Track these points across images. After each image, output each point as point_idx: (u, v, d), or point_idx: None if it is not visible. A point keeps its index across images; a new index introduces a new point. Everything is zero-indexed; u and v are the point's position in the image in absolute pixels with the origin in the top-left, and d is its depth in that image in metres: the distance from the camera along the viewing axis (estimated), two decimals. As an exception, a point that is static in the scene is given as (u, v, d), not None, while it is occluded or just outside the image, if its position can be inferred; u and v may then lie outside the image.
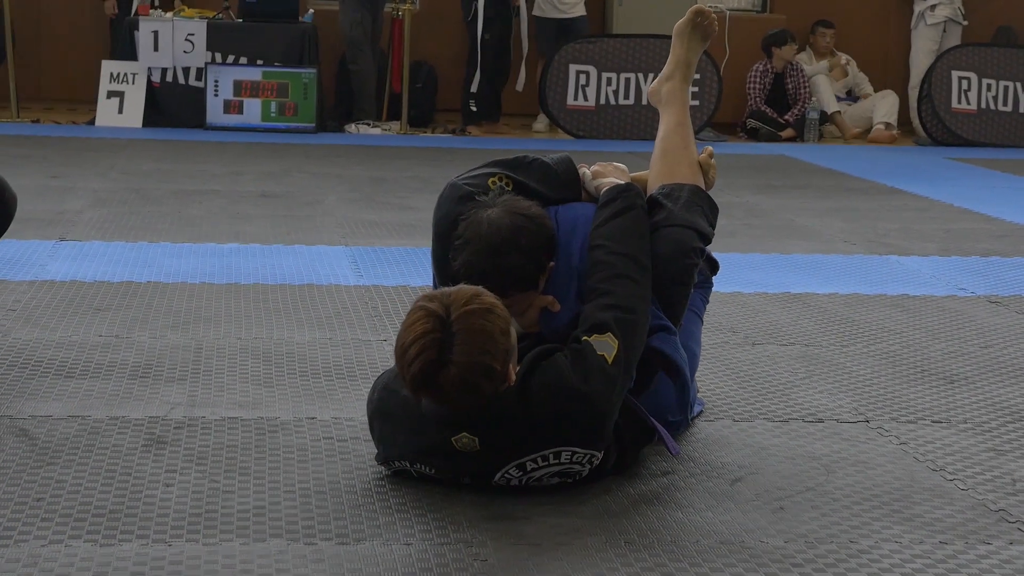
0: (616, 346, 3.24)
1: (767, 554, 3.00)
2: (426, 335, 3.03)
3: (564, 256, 3.45)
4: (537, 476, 3.26)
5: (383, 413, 3.34)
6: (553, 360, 3.23)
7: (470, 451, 3.20)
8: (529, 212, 3.41)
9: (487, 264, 3.33)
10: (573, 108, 11.70)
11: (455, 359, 3.02)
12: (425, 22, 12.21)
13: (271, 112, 11.22)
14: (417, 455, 3.27)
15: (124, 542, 2.94)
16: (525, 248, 3.35)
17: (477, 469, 3.25)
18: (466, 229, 3.38)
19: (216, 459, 3.47)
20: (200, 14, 11.50)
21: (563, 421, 3.20)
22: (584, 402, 3.19)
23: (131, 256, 5.99)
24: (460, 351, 3.02)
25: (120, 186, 8.05)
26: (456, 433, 3.19)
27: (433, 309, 3.06)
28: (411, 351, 3.04)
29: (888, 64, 12.79)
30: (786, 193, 8.75)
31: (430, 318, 3.05)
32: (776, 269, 6.15)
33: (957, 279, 6.08)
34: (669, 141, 3.91)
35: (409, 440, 3.27)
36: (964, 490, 3.44)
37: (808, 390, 4.28)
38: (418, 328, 3.05)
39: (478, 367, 3.03)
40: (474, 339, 3.03)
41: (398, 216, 7.32)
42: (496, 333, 3.06)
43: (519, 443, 3.20)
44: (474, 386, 3.05)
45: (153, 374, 4.21)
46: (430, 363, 3.02)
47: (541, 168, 3.66)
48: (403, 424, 3.28)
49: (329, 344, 4.62)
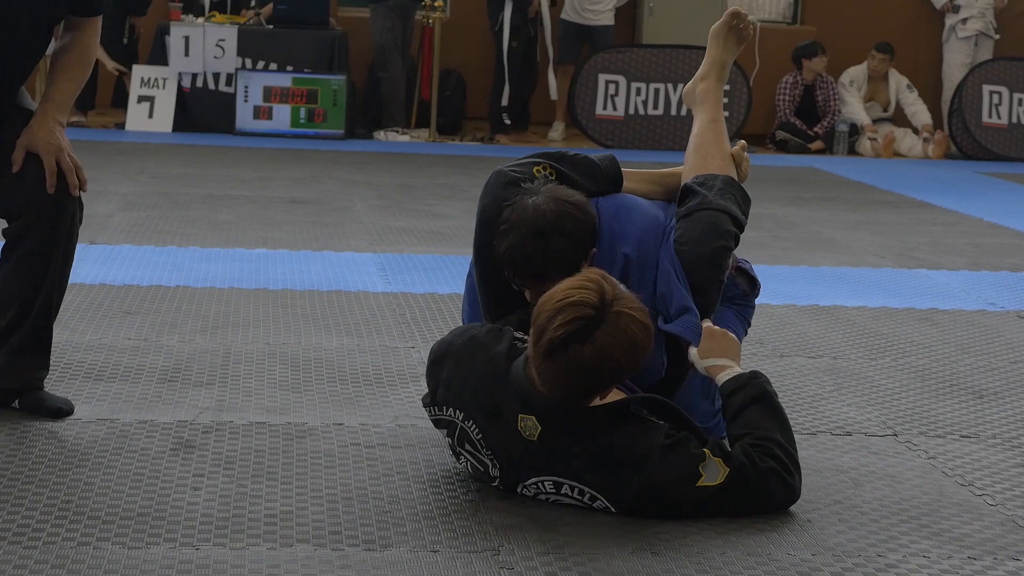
0: (719, 482, 3.17)
1: (794, 567, 2.99)
2: (583, 306, 3.06)
3: (606, 242, 3.51)
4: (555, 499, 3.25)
5: (460, 358, 3.34)
6: (656, 428, 3.18)
7: (526, 437, 3.19)
8: (573, 199, 3.47)
9: (532, 248, 3.38)
10: (602, 118, 11.70)
11: (596, 340, 3.05)
12: (455, 30, 12.23)
13: (300, 118, 11.25)
14: (476, 410, 3.27)
15: (152, 545, 2.95)
16: (570, 232, 3.41)
17: (525, 461, 3.22)
18: (511, 214, 3.44)
19: (244, 464, 3.48)
20: (231, 20, 11.54)
21: (618, 484, 3.17)
22: (647, 484, 3.15)
23: (160, 260, 6.01)
24: (603, 336, 3.05)
25: (150, 190, 8.08)
26: (527, 412, 3.19)
27: (603, 287, 3.09)
28: (562, 315, 3.05)
29: (918, 77, 12.74)
30: (815, 205, 8.73)
31: (596, 293, 3.08)
32: (805, 281, 6.13)
33: (987, 294, 6.06)
34: (703, 137, 3.94)
35: (479, 393, 3.27)
36: (993, 505, 3.42)
37: (836, 403, 4.26)
38: (579, 295, 3.08)
39: (611, 360, 3.06)
40: (621, 339, 3.06)
41: (426, 223, 7.32)
42: (640, 346, 3.10)
43: (571, 462, 3.19)
44: (596, 371, 3.07)
45: (181, 378, 4.22)
46: (573, 335, 3.04)
47: (585, 162, 3.73)
48: (480, 376, 3.27)
49: (357, 350, 4.63)
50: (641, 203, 3.72)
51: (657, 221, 3.67)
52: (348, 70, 11.45)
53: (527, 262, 3.39)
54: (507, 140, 11.73)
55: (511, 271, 3.46)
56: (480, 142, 11.71)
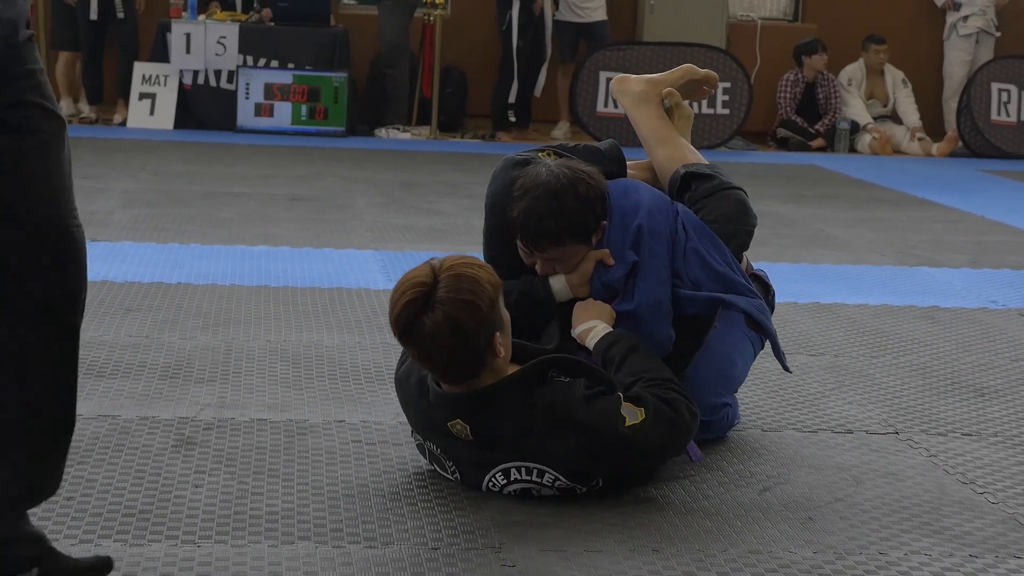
0: (640, 421, 3.21)
1: (795, 564, 2.99)
2: (415, 283, 3.11)
3: (617, 218, 3.56)
4: (515, 489, 3.27)
5: (402, 386, 3.43)
6: (574, 383, 3.24)
7: (463, 439, 3.23)
8: (586, 168, 3.56)
9: (546, 207, 3.43)
10: (603, 115, 11.69)
11: (439, 298, 3.08)
12: (456, 27, 12.22)
13: (301, 115, 11.25)
14: (426, 430, 3.35)
15: (153, 542, 2.95)
16: (583, 196, 3.48)
17: (473, 460, 3.26)
18: (525, 181, 3.51)
19: (245, 461, 3.48)
20: (232, 17, 11.54)
21: (556, 445, 3.20)
22: (585, 436, 3.19)
23: (161, 257, 6.01)
24: (444, 291, 3.09)
25: (151, 187, 8.08)
26: (452, 418, 3.23)
27: (430, 262, 3.17)
28: (400, 300, 3.12)
29: (919, 74, 12.73)
30: (816, 203, 8.73)
31: (420, 271, 3.15)
32: (805, 279, 6.13)
33: (988, 291, 6.05)
34: (663, 133, 3.98)
35: (420, 414, 3.35)
36: (994, 503, 3.42)
37: (837, 401, 4.26)
38: (410, 279, 3.14)
39: (462, 304, 3.08)
40: (459, 282, 3.10)
41: (427, 220, 7.32)
42: (483, 280, 3.13)
43: (508, 442, 3.22)
44: (458, 325, 3.08)
45: (183, 375, 4.23)
46: (414, 302, 3.09)
47: (587, 148, 3.82)
48: (416, 399, 3.35)
49: (358, 348, 4.63)
50: (644, 183, 3.79)
51: (663, 196, 3.71)
52: (349, 67, 11.45)
53: (540, 223, 3.44)
54: (508, 138, 11.73)
55: (525, 237, 3.48)
56: (481, 139, 11.71)
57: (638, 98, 4.04)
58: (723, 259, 3.60)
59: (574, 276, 3.56)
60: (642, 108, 4.03)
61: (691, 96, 4.15)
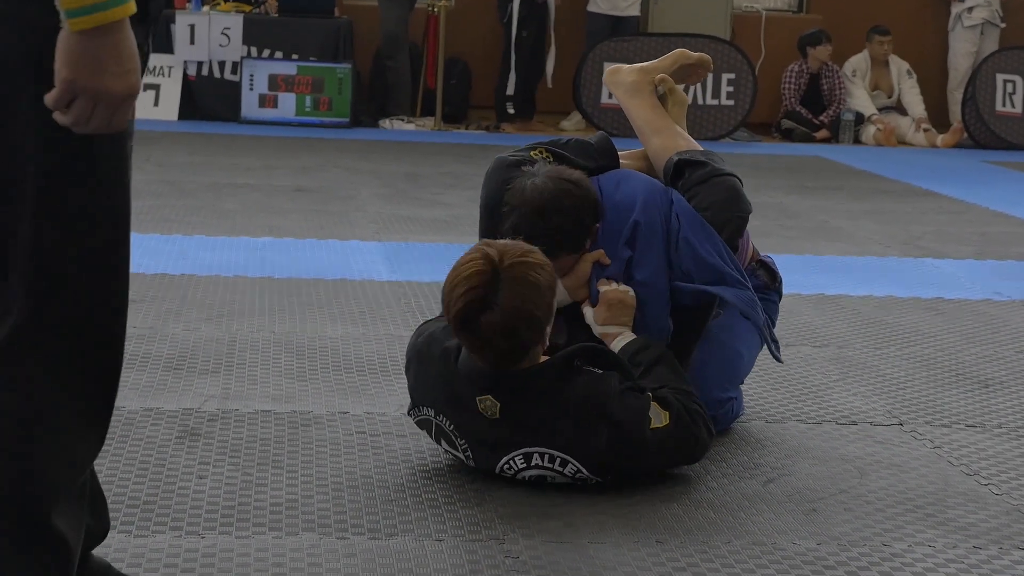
0: (663, 426, 3.27)
1: (799, 555, 2.99)
2: (476, 276, 3.14)
3: (612, 214, 3.56)
4: (531, 475, 3.27)
5: (422, 356, 3.40)
6: (608, 377, 3.27)
7: (489, 417, 3.23)
8: (572, 177, 3.55)
9: (533, 227, 3.44)
10: (607, 107, 11.68)
11: (500, 303, 3.11)
12: (460, 18, 12.20)
13: (305, 107, 11.25)
14: (443, 404, 3.32)
15: (157, 533, 2.95)
16: (569, 210, 3.48)
17: (491, 440, 3.26)
18: (512, 196, 3.52)
19: (249, 452, 3.48)
20: (237, 8, 11.53)
21: (587, 436, 3.22)
22: (616, 431, 3.23)
23: (165, 248, 6.01)
24: (506, 296, 3.11)
25: (155, 178, 8.08)
26: (483, 393, 3.23)
27: (488, 253, 3.17)
28: (458, 290, 3.14)
29: (924, 65, 12.71)
30: (820, 194, 8.72)
31: (483, 261, 3.15)
32: (810, 270, 6.13)
33: (993, 283, 6.05)
34: (657, 122, 3.97)
35: (440, 387, 3.33)
36: (998, 495, 3.42)
37: (842, 392, 4.26)
38: (470, 268, 3.15)
39: (521, 313, 3.12)
40: (521, 288, 3.13)
41: (431, 212, 7.32)
42: (543, 287, 3.17)
43: (537, 427, 3.22)
44: (513, 331, 3.13)
45: (187, 366, 4.23)
46: (475, 302, 3.12)
47: (578, 143, 3.83)
48: (439, 370, 3.33)
49: (362, 339, 4.63)
50: (638, 173, 3.80)
51: (657, 185, 3.71)
52: (353, 58, 11.44)
53: (530, 241, 3.42)
54: (512, 129, 11.72)
55: None
56: (486, 131, 11.70)
57: (630, 88, 4.04)
58: (715, 249, 3.60)
59: (571, 280, 3.56)
60: (635, 98, 4.03)
61: (685, 81, 4.14)
